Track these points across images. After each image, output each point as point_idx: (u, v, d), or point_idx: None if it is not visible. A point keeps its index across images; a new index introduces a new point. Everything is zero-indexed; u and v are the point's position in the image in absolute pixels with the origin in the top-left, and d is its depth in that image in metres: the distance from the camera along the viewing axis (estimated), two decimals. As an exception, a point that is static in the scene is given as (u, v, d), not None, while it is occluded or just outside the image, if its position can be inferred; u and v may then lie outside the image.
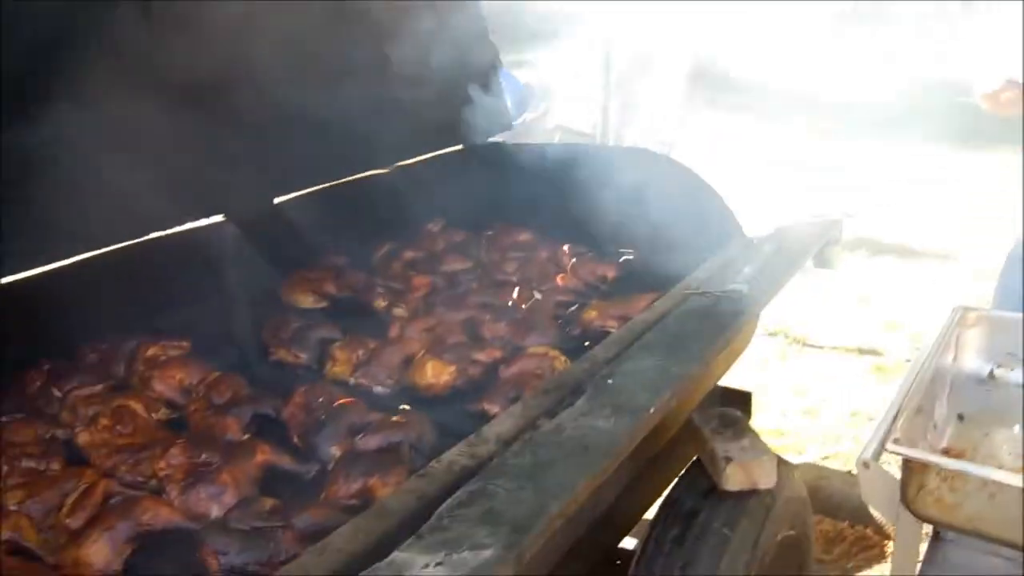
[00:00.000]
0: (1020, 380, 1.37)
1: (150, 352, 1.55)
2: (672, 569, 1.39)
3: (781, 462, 1.52)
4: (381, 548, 0.92)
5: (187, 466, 1.19)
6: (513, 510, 0.96)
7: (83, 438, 1.28)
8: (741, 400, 2.00)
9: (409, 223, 2.22)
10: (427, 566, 0.87)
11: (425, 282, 1.96)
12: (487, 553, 0.88)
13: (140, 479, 1.21)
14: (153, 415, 1.39)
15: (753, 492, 1.43)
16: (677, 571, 1.39)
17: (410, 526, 0.95)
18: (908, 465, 1.03)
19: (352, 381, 1.51)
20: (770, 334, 3.60)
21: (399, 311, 1.83)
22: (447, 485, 1.04)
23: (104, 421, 1.31)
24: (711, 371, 1.58)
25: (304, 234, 1.88)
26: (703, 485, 1.48)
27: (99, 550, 1.03)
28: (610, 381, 1.26)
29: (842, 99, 7.42)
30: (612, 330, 1.59)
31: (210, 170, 1.55)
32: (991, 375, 1.40)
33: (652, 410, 1.16)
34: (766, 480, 1.42)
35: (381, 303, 1.87)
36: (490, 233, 2.24)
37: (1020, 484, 0.93)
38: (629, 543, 1.67)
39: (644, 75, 4.75)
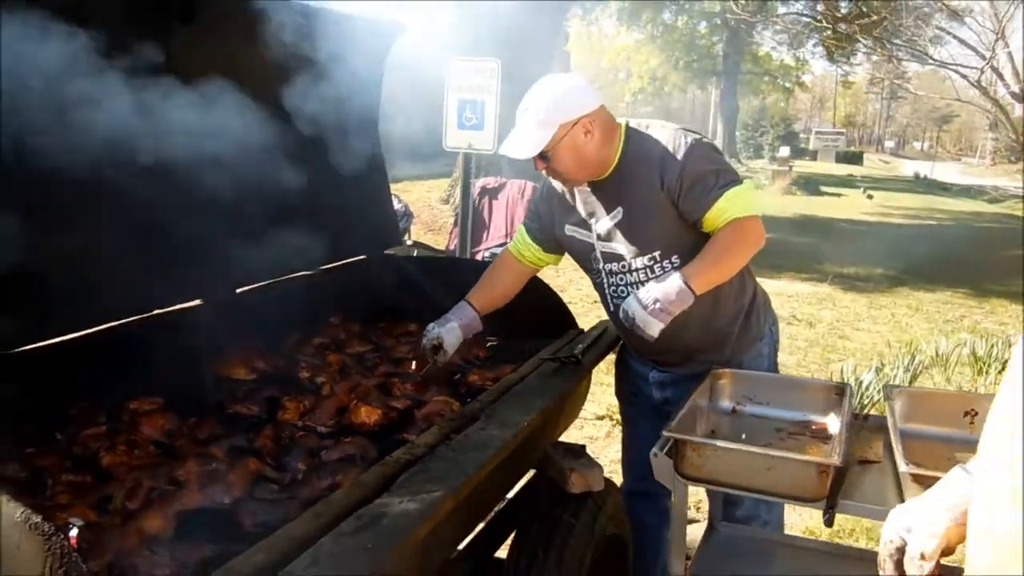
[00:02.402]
0: (751, 411, 2.15)
1: (132, 405, 1.98)
2: (536, 549, 1.99)
3: (608, 480, 2.19)
4: (366, 500, 1.47)
5: (199, 472, 1.67)
6: (446, 475, 1.54)
7: (107, 460, 1.71)
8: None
9: (318, 318, 2.76)
10: (401, 502, 1.43)
11: (337, 359, 2.51)
12: (436, 493, 1.46)
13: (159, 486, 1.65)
14: (148, 448, 1.84)
15: (589, 493, 2.08)
16: (540, 551, 1.99)
17: (381, 489, 1.51)
18: (677, 445, 1.73)
19: (300, 423, 2.03)
20: (598, 418, 4.36)
21: (321, 379, 2.36)
22: (399, 468, 1.60)
23: (121, 447, 1.74)
24: (564, 404, 2.25)
25: (249, 320, 2.38)
26: (554, 493, 2.11)
27: (157, 521, 1.48)
28: (496, 411, 1.89)
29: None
30: (489, 387, 2.22)
31: (188, 261, 2.07)
32: (734, 410, 2.17)
33: (525, 423, 1.79)
34: (597, 484, 2.07)
35: (305, 374, 2.39)
36: (383, 325, 2.83)
37: (729, 446, 1.65)
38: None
39: (495, 200, 5.64)
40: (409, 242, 5.93)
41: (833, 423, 2.01)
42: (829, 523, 1.64)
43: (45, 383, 1.91)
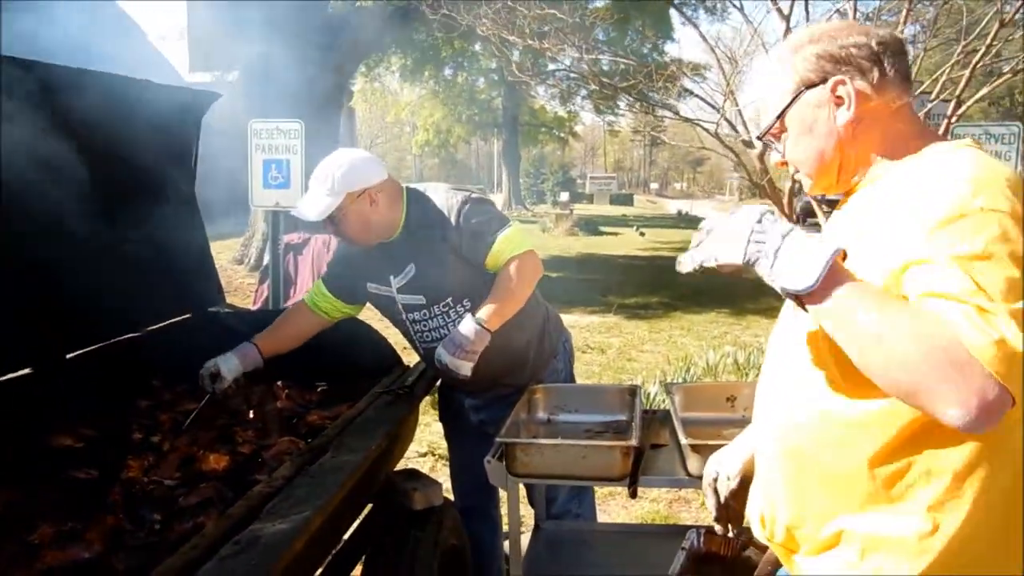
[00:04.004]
0: (564, 419, 2.50)
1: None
2: (389, 563, 2.17)
3: (445, 497, 2.43)
4: (237, 530, 1.59)
5: (54, 534, 1.69)
6: (310, 497, 1.70)
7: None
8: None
9: (145, 379, 2.76)
10: (274, 525, 1.58)
11: (168, 417, 2.54)
12: (305, 513, 1.62)
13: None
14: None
15: (431, 509, 2.30)
16: (392, 565, 2.17)
17: (250, 518, 1.64)
18: (507, 448, 2.02)
19: (146, 479, 2.07)
20: (421, 455, 4.56)
21: (155, 438, 2.39)
22: (262, 500, 1.73)
23: (-39, 522, 1.71)
24: (402, 430, 2.46)
25: (77, 386, 2.36)
26: (399, 512, 2.31)
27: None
28: (343, 442, 2.07)
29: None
30: (329, 424, 2.39)
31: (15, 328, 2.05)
32: (549, 420, 2.51)
33: (373, 447, 1.99)
34: (438, 500, 2.31)
35: (138, 435, 2.40)
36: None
37: (550, 442, 1.98)
38: None
39: (300, 256, 5.73)
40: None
41: (630, 419, 2.41)
42: (633, 495, 2.01)
43: None
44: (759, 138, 1.45)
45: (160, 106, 2.60)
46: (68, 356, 2.40)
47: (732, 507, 1.63)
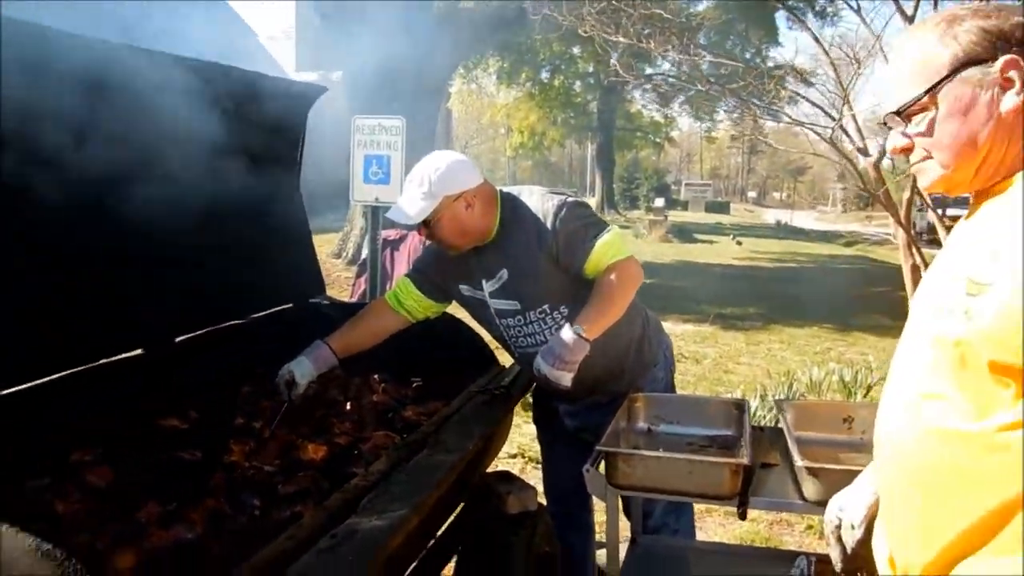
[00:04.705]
0: (664, 430, 2.39)
1: (75, 457, 1.99)
2: (482, 567, 2.12)
3: (540, 503, 2.36)
4: (334, 522, 1.57)
5: (159, 513, 1.72)
6: (406, 495, 1.67)
7: (61, 507, 1.73)
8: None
9: (247, 366, 2.81)
10: (370, 520, 1.55)
11: (269, 404, 2.57)
12: (402, 511, 1.58)
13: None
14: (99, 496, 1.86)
15: (525, 514, 2.24)
16: (485, 569, 2.12)
17: (347, 512, 1.62)
18: (608, 458, 1.93)
19: (247, 464, 2.09)
20: (511, 456, 4.52)
21: (256, 424, 2.42)
22: (359, 494, 1.71)
23: (73, 496, 1.77)
24: (498, 431, 2.41)
25: (184, 369, 2.42)
26: (492, 515, 2.25)
27: (129, 558, 1.53)
28: (439, 440, 2.03)
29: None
30: (424, 421, 2.36)
31: (130, 312, 2.11)
32: (649, 430, 2.40)
33: (470, 447, 1.95)
34: (532, 504, 2.24)
35: (240, 420, 2.44)
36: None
37: (655, 455, 1.88)
38: None
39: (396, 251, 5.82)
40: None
41: (737, 434, 2.28)
42: (743, 516, 1.88)
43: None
44: (898, 113, 1.27)
45: (270, 98, 2.64)
46: (177, 339, 2.46)
47: (860, 556, 1.46)
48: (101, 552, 1.54)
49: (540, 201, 2.36)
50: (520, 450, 4.52)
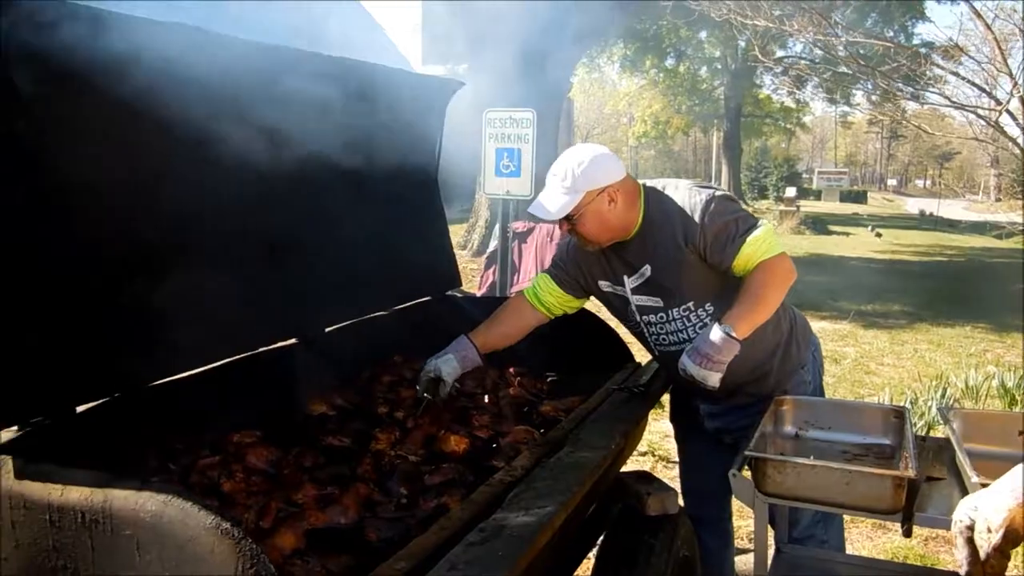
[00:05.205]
0: (814, 435, 2.26)
1: (235, 438, 2.11)
2: (620, 570, 2.09)
3: (679, 506, 2.30)
4: (481, 516, 1.59)
5: (316, 496, 1.79)
6: (552, 492, 1.66)
7: (227, 486, 1.84)
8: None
9: (385, 356, 2.90)
10: (517, 516, 1.55)
11: (411, 393, 2.64)
12: (548, 508, 1.58)
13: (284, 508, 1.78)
14: (258, 476, 1.96)
15: (665, 516, 2.19)
16: (624, 568, 2.09)
17: (493, 506, 1.63)
18: (756, 464, 1.85)
19: (392, 453, 2.15)
20: (641, 454, 4.44)
21: (399, 414, 2.49)
22: (503, 489, 1.72)
23: (239, 475, 1.87)
24: (636, 431, 2.37)
25: (330, 358, 2.52)
26: (631, 516, 2.21)
27: (290, 538, 1.60)
28: (580, 438, 2.02)
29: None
30: (562, 417, 2.35)
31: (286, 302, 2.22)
32: (797, 435, 2.29)
33: (613, 446, 1.92)
34: (673, 507, 2.19)
35: (383, 409, 2.52)
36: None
37: (810, 463, 1.78)
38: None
39: (524, 244, 5.85)
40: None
41: (895, 444, 2.13)
42: (908, 533, 1.75)
43: (155, 418, 2.05)
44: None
45: (412, 94, 2.70)
46: (327, 330, 2.57)
47: (992, 564, 1.35)
48: (266, 531, 1.63)
49: (687, 195, 2.28)
50: (650, 448, 4.44)
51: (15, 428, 1.61)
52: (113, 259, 1.85)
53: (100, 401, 1.85)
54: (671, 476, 4.19)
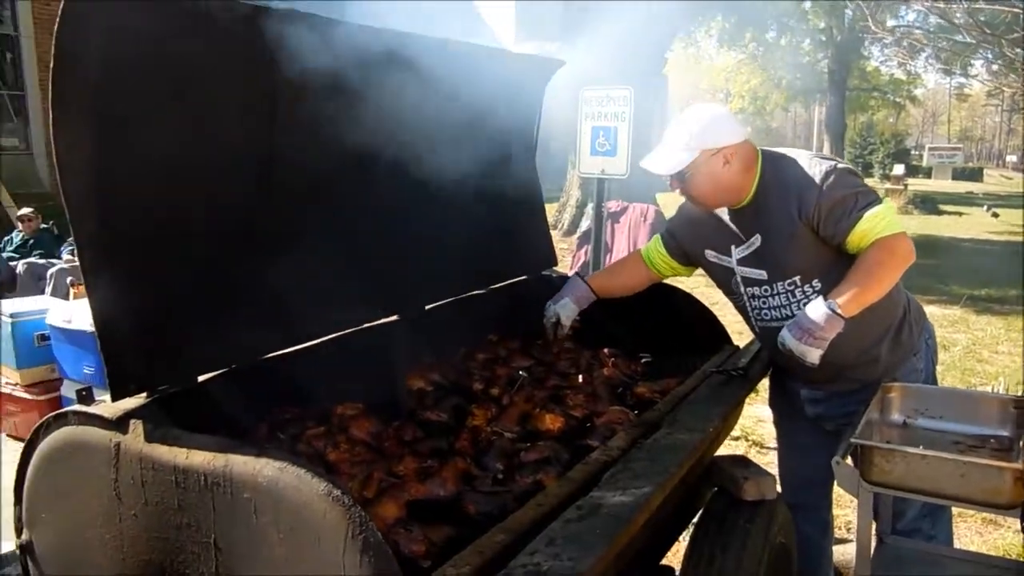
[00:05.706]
0: (923, 424, 2.17)
1: (339, 410, 2.20)
2: (714, 554, 2.07)
3: (777, 491, 2.26)
4: (578, 494, 1.61)
5: (417, 468, 1.85)
6: (648, 472, 1.66)
7: (332, 456, 1.92)
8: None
9: (483, 334, 2.95)
10: (614, 495, 1.56)
11: (506, 371, 2.68)
12: (645, 488, 1.58)
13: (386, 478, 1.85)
14: (361, 447, 2.04)
15: (762, 501, 2.15)
16: (718, 556, 2.07)
17: (590, 484, 1.64)
18: (863, 451, 1.79)
19: (489, 429, 2.19)
20: (734, 439, 4.37)
21: (494, 391, 2.53)
22: (599, 468, 1.73)
23: (344, 445, 1.96)
24: (733, 414, 2.34)
25: (428, 335, 2.59)
26: (727, 500, 2.19)
27: (392, 508, 1.67)
28: (676, 419, 2.00)
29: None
30: (657, 398, 2.34)
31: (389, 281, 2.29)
32: (905, 423, 2.20)
33: (711, 429, 1.90)
34: (770, 493, 2.14)
35: (478, 386, 2.57)
36: (540, 342, 2.99)
37: (921, 452, 1.70)
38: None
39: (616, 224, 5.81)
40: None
41: (1014, 435, 2.02)
42: (1027, 530, 1.66)
43: (267, 389, 2.16)
44: None
45: (514, 74, 2.71)
46: (427, 307, 2.63)
47: None
48: (369, 500, 1.70)
49: (807, 164, 2.20)
50: (743, 432, 4.36)
51: (144, 395, 1.74)
52: (237, 238, 1.96)
53: (219, 372, 1.96)
54: (765, 462, 4.10)
